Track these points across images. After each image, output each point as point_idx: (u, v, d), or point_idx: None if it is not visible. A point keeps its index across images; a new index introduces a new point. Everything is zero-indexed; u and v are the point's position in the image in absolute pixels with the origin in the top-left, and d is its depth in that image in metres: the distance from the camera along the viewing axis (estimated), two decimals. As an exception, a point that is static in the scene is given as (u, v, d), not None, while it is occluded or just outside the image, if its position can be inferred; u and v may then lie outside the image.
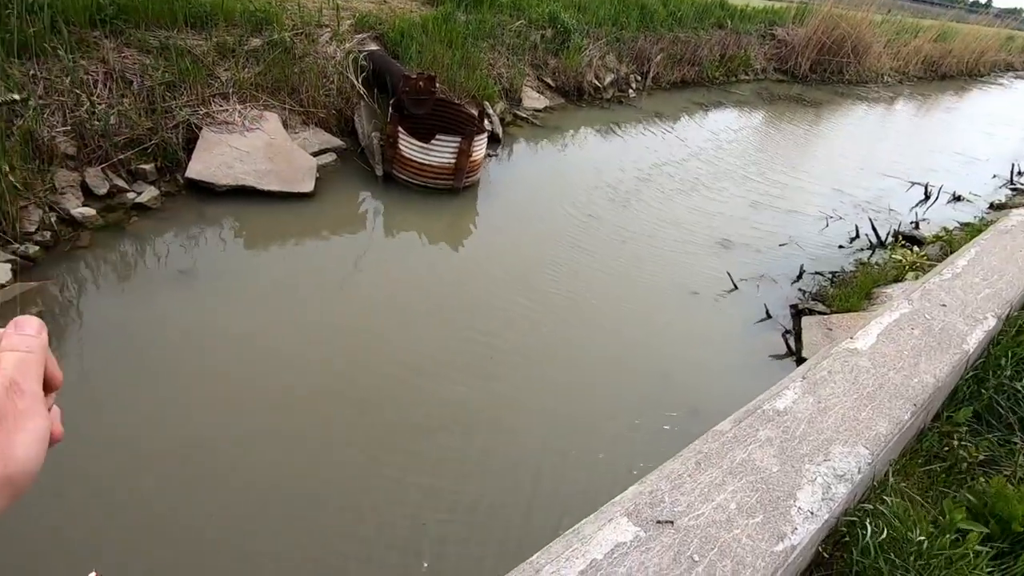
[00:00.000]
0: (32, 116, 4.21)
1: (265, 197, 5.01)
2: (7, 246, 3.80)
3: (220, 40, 5.70)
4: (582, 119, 8.75)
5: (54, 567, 2.33)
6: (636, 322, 4.61)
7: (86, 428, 2.85)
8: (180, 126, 5.11)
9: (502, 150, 7.15)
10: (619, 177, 7.07)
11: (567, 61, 9.10)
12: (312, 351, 3.66)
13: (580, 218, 5.93)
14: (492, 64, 8.07)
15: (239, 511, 2.65)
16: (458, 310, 4.28)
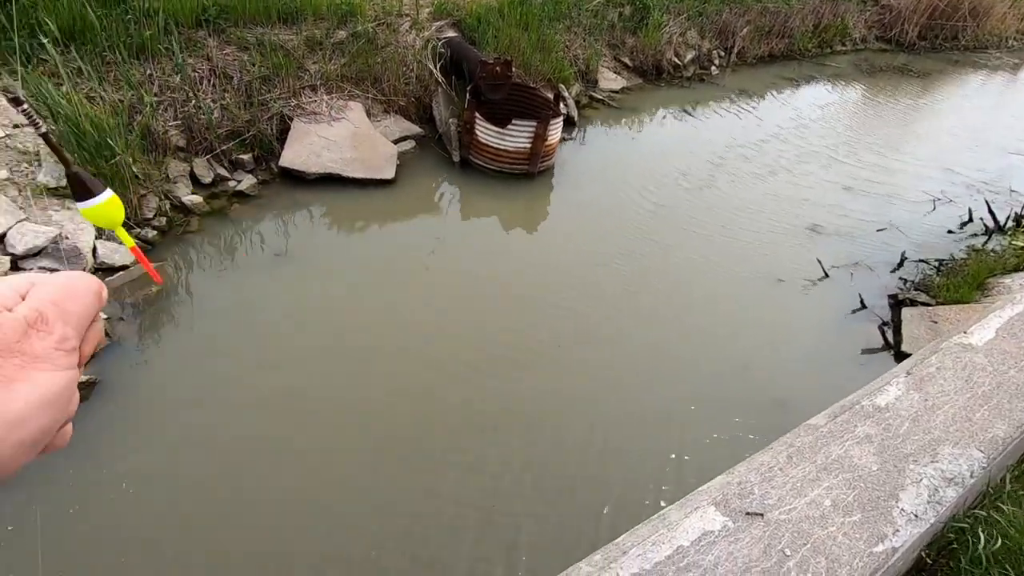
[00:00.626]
0: (149, 112, 4.62)
1: (350, 183, 5.24)
2: (130, 231, 4.22)
3: (309, 34, 5.97)
4: (660, 99, 8.46)
5: (209, 459, 2.61)
6: (715, 311, 4.46)
7: (204, 381, 3.16)
8: (274, 117, 5.43)
9: (577, 133, 7.06)
10: (697, 160, 6.80)
11: (646, 39, 8.80)
12: (391, 327, 3.83)
13: (656, 202, 5.78)
14: (568, 46, 7.95)
15: (324, 443, 2.84)
16: (532, 295, 4.32)
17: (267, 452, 2.94)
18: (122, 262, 3.90)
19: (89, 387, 3.07)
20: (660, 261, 4.92)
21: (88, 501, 2.61)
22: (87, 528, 2.53)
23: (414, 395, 3.38)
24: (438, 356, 3.67)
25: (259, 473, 2.85)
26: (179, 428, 2.99)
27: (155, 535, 2.55)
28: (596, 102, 7.91)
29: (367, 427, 3.14)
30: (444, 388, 3.46)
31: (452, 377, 3.53)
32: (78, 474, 2.70)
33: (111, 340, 3.40)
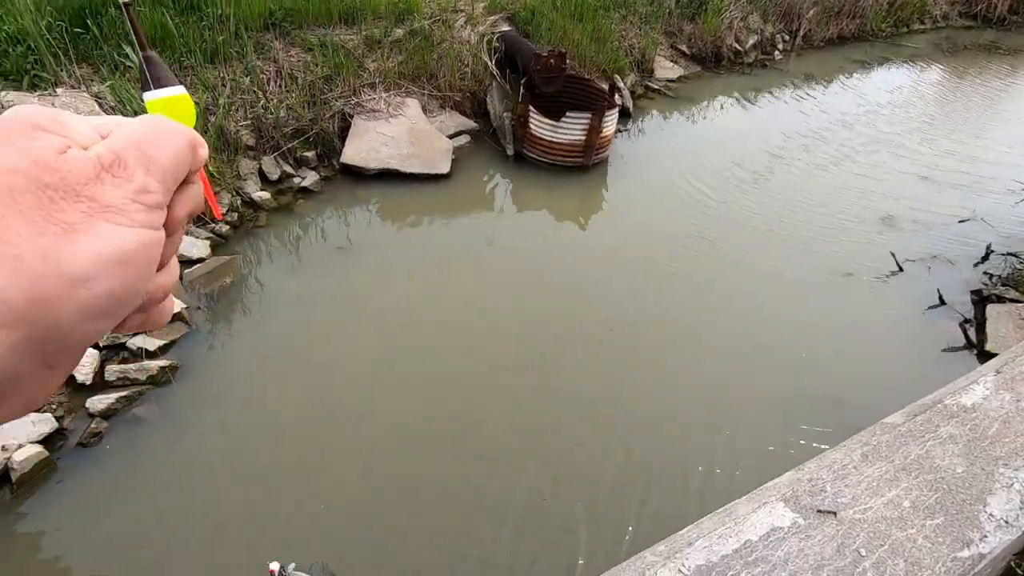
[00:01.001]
0: (222, 113, 4.88)
1: (407, 178, 5.36)
2: (206, 226, 4.49)
3: (368, 33, 6.14)
4: (719, 87, 8.18)
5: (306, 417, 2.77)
6: (778, 304, 4.29)
7: (271, 365, 3.33)
8: (335, 116, 5.62)
9: (632, 124, 6.94)
10: (756, 150, 6.54)
11: (704, 25, 8.52)
12: (444, 317, 3.90)
13: (713, 195, 5.60)
14: (623, 35, 7.81)
15: (375, 419, 2.94)
16: (586, 289, 4.29)
17: (327, 425, 3.07)
18: (199, 255, 4.15)
19: (172, 371, 3.30)
20: (716, 256, 4.77)
21: (179, 472, 2.82)
22: (175, 497, 2.72)
23: (463, 383, 3.43)
24: (487, 346, 3.71)
25: (321, 444, 2.98)
26: (250, 405, 3.17)
27: (232, 499, 2.71)
28: (652, 92, 7.74)
29: (412, 409, 3.22)
30: (492, 378, 3.49)
31: (500, 368, 3.57)
32: (170, 448, 2.91)
33: (189, 328, 3.62)
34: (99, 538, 2.57)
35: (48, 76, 4.50)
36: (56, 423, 2.88)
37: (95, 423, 2.95)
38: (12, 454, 2.66)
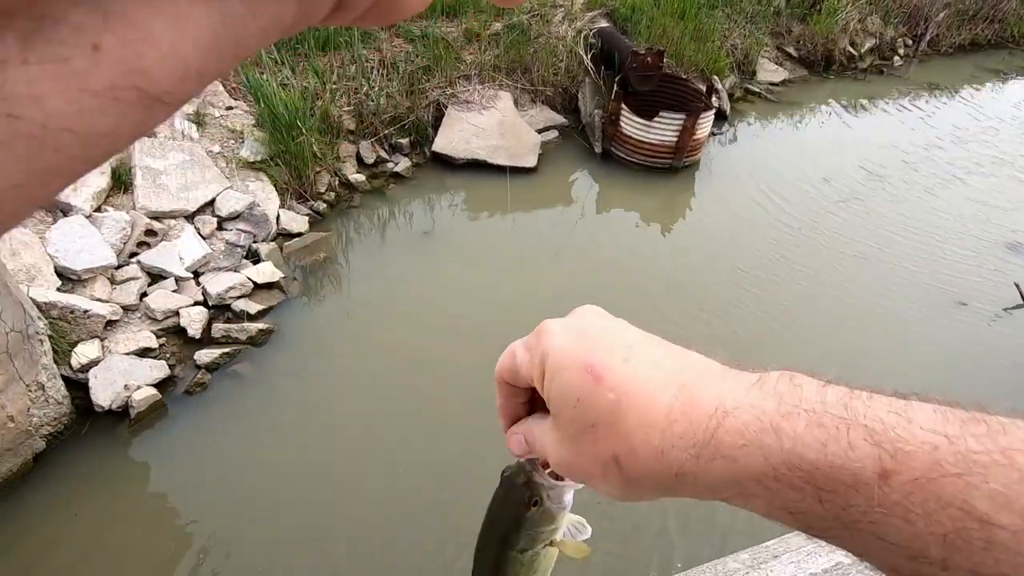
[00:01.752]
0: (328, 99, 5.19)
1: (494, 169, 5.46)
2: (306, 203, 4.80)
3: (468, 26, 6.29)
4: (827, 92, 7.68)
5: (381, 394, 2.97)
6: (874, 336, 4.00)
7: (355, 335, 3.53)
8: (431, 105, 5.81)
9: (728, 128, 6.67)
10: (864, 161, 6.09)
11: (816, 26, 8.02)
12: (518, 307, 3.95)
13: (807, 209, 5.28)
14: (726, 35, 7.50)
15: (445, 397, 3.04)
16: (660, 293, 4.20)
17: (400, 397, 3.22)
18: (298, 230, 4.45)
19: (267, 333, 3.58)
20: (806, 276, 4.50)
21: (268, 423, 3.07)
22: (264, 445, 2.97)
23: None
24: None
25: (393, 412, 3.13)
26: (334, 371, 3.38)
27: (312, 452, 2.92)
28: (752, 95, 7.40)
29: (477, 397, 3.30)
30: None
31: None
32: (262, 402, 3.18)
33: (285, 296, 3.91)
34: (197, 472, 2.85)
35: (183, 58, 4.97)
36: (169, 370, 3.22)
37: (200, 374, 3.26)
38: (132, 393, 3.01)
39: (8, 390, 2.63)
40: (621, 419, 0.40)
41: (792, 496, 0.34)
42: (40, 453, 2.84)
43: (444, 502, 2.80)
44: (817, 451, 0.33)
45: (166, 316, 3.45)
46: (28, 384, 2.71)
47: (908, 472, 0.31)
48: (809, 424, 0.34)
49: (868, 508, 0.31)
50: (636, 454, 0.39)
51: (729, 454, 0.36)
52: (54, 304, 3.02)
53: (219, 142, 4.59)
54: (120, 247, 3.56)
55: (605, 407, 0.41)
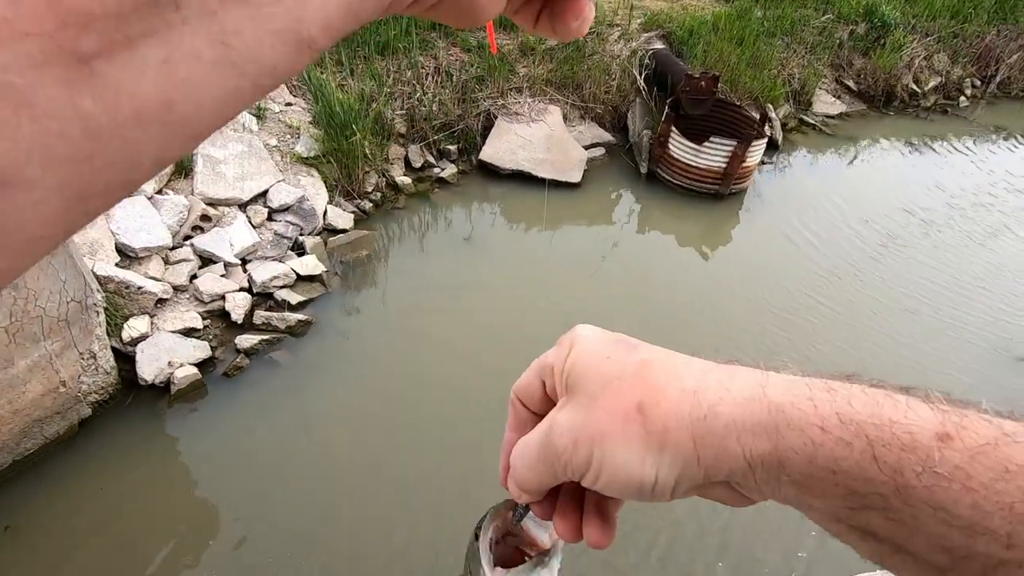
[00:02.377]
0: (383, 102, 5.33)
1: (538, 182, 5.49)
2: (353, 201, 4.92)
3: (524, 39, 6.37)
4: (886, 129, 7.47)
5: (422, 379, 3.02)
6: (921, 380, 3.84)
7: (392, 331, 3.59)
8: (481, 114, 5.90)
9: (779, 157, 6.55)
10: (915, 205, 5.88)
11: (879, 61, 7.82)
12: (549, 319, 3.94)
13: (854, 251, 5.12)
14: (784, 64, 7.39)
15: (472, 395, 3.05)
16: (689, 321, 4.12)
17: (428, 398, 3.25)
18: (343, 226, 4.56)
19: (306, 325, 3.67)
20: (844, 322, 4.34)
21: (301, 412, 3.15)
22: (295, 432, 3.04)
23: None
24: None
25: (420, 411, 3.16)
26: (367, 367, 3.45)
27: (340, 443, 2.98)
28: (806, 126, 7.25)
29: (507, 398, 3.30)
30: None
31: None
32: (296, 391, 3.26)
33: (326, 290, 4.01)
34: (227, 452, 2.94)
35: (250, 54, 5.19)
36: (211, 351, 3.34)
37: (239, 358, 3.37)
38: (175, 370, 3.12)
39: (63, 356, 2.77)
40: (650, 370, 0.38)
41: (839, 452, 0.31)
42: (85, 419, 2.98)
43: (470, 498, 2.81)
44: (872, 408, 0.31)
45: (212, 299, 3.58)
46: (82, 352, 2.86)
47: (971, 438, 0.29)
48: (864, 390, 0.32)
49: (925, 468, 0.28)
50: (663, 396, 0.37)
51: (772, 399, 0.33)
52: (111, 278, 3.18)
53: (276, 136, 4.77)
54: (176, 229, 3.72)
55: (635, 361, 0.39)
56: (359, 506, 2.79)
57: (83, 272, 2.72)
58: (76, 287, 2.71)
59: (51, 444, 2.86)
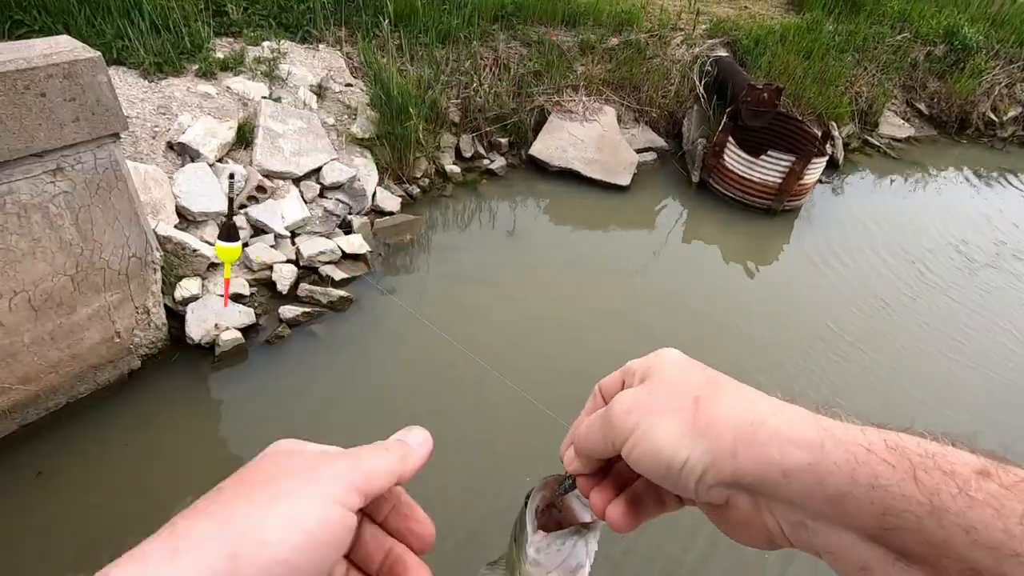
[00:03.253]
0: (440, 89, 5.37)
1: (586, 182, 5.46)
2: (401, 184, 4.99)
3: (584, 37, 6.32)
4: (956, 158, 7.11)
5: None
6: (965, 423, 3.66)
7: (428, 315, 3.63)
8: (534, 110, 5.89)
9: (838, 178, 6.32)
10: (981, 242, 5.57)
11: (955, 86, 7.45)
12: (583, 321, 3.92)
13: (909, 285, 4.88)
14: (852, 81, 7.12)
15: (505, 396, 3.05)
16: (724, 337, 4.01)
17: (464, 377, 3.28)
18: (390, 209, 4.63)
19: (347, 302, 3.75)
20: (902, 346, 4.17)
21: (334, 386, 3.22)
22: (326, 405, 3.12)
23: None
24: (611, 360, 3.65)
25: (447, 397, 3.19)
26: (402, 349, 3.49)
27: (371, 421, 3.03)
28: (869, 147, 6.98)
29: (540, 392, 3.29)
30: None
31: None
32: (332, 365, 3.34)
33: (369, 270, 4.08)
34: (262, 416, 3.03)
35: (316, 34, 5.31)
36: (255, 318, 3.44)
37: (281, 328, 3.46)
38: (221, 333, 3.24)
39: (120, 308, 2.91)
40: (717, 381, 0.43)
41: (881, 469, 0.32)
42: (134, 371, 3.12)
43: (492, 484, 2.83)
44: (918, 442, 0.34)
45: (260, 268, 3.69)
46: (137, 306, 2.99)
47: (1008, 476, 0.30)
48: (911, 435, 0.35)
49: (961, 491, 0.30)
50: (721, 398, 0.40)
51: (823, 423, 0.37)
52: (170, 239, 3.31)
53: (334, 115, 4.87)
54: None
55: (707, 374, 0.44)
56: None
57: (145, 230, 2.84)
58: (138, 244, 2.83)
59: (101, 391, 3.01)
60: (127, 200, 2.69)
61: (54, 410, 2.87)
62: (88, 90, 2.35)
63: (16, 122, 2.21)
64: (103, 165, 2.54)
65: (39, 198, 2.40)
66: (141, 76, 4.13)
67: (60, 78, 2.27)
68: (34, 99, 2.22)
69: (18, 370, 2.65)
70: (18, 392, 2.70)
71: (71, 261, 2.60)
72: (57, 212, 2.48)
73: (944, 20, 7.77)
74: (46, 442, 2.80)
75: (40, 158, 2.35)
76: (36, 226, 2.44)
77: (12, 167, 2.29)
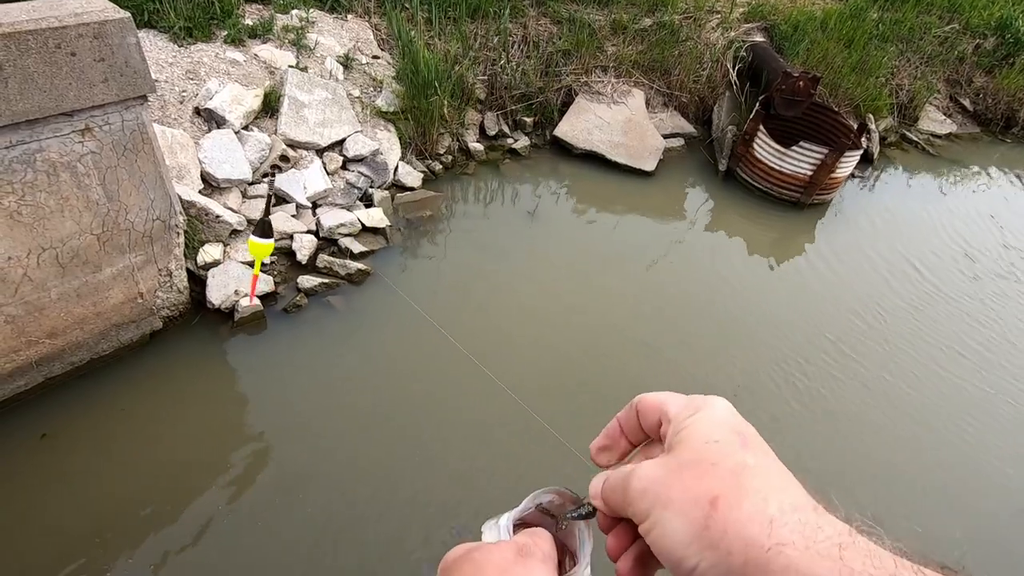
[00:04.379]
0: (467, 65, 5.31)
1: (610, 166, 5.37)
2: (423, 160, 4.97)
3: (617, 17, 6.17)
4: (999, 157, 6.84)
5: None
6: (992, 440, 3.57)
7: (442, 289, 3.65)
8: (562, 90, 5.79)
9: (871, 172, 6.13)
10: (1004, 243, 5.37)
11: (1004, 82, 7.13)
12: (606, 304, 3.89)
13: (943, 286, 4.74)
14: (894, 73, 6.86)
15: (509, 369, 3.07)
16: (753, 335, 3.94)
17: (476, 354, 3.29)
18: (411, 184, 4.62)
19: (364, 275, 3.77)
20: (919, 353, 4.04)
21: (346, 356, 3.26)
22: (338, 374, 3.16)
23: (591, 375, 3.42)
24: (624, 355, 3.63)
25: (466, 366, 3.21)
26: (416, 325, 3.51)
27: (380, 391, 3.08)
28: (907, 143, 6.74)
29: (549, 380, 3.29)
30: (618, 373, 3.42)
31: (633, 371, 3.48)
32: (345, 335, 3.38)
33: (387, 244, 4.09)
34: (278, 383, 3.09)
35: (345, 3, 5.27)
36: (274, 287, 3.49)
37: (299, 297, 3.50)
38: (240, 299, 3.29)
39: (144, 270, 2.96)
40: (744, 475, 0.39)
41: None
42: (156, 331, 3.19)
43: (495, 467, 2.86)
44: None
45: (281, 237, 3.72)
46: (160, 268, 3.04)
47: None
48: None
49: None
50: (741, 507, 0.37)
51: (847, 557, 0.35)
52: (194, 204, 3.35)
53: (360, 87, 4.84)
54: (257, 166, 3.87)
55: (738, 460, 0.40)
56: (383, 455, 2.88)
57: (170, 193, 2.88)
58: (162, 207, 2.87)
59: (123, 349, 3.08)
60: (152, 163, 2.72)
61: (78, 364, 2.96)
62: (117, 51, 2.37)
63: (47, 80, 2.24)
64: (130, 127, 2.57)
65: (68, 157, 2.44)
66: (171, 40, 4.15)
67: (90, 38, 2.28)
68: (64, 58, 2.25)
69: (45, 324, 2.73)
70: (44, 345, 2.79)
71: (97, 221, 2.65)
72: (85, 172, 2.52)
73: (997, 11, 7.41)
74: (52, 407, 2.87)
75: (69, 117, 2.38)
76: (64, 184, 2.48)
77: (42, 125, 2.32)
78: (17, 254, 2.49)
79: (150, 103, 3.08)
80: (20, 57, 2.15)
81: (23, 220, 2.44)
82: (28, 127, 2.29)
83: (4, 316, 2.59)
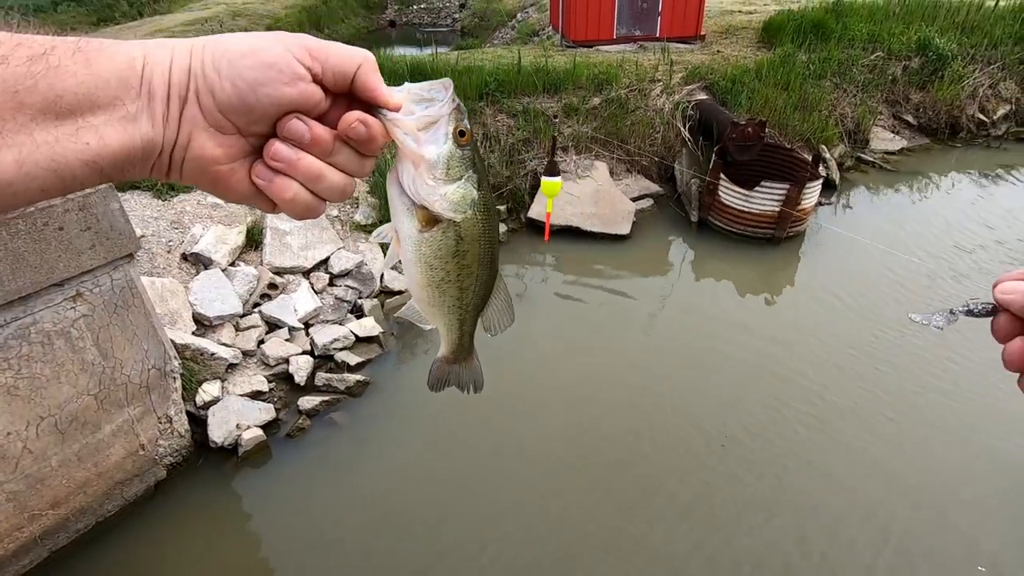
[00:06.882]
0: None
1: (587, 236, 5.54)
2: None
3: (567, 101, 6.61)
4: (953, 162, 7.11)
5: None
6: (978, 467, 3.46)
7: (449, 392, 3.61)
8: (528, 174, 6.09)
9: (837, 198, 6.34)
10: (989, 243, 5.45)
11: (939, 94, 7.56)
12: (606, 373, 3.86)
13: (930, 298, 4.77)
14: (834, 104, 7.28)
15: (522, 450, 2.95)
16: (756, 376, 3.91)
17: (487, 447, 3.21)
18: (399, 288, 4.74)
19: (364, 385, 3.77)
20: (916, 378, 3.97)
21: (357, 472, 3.19)
22: (352, 493, 3.07)
23: (598, 446, 3.34)
24: (630, 422, 3.57)
25: (478, 459, 3.12)
26: (421, 426, 3.47)
27: (397, 502, 2.97)
28: (864, 164, 7.03)
29: (560, 462, 3.20)
30: (625, 458, 3.34)
31: (637, 451, 3.40)
32: (353, 452, 3.32)
33: (383, 351, 4.12)
34: (290, 512, 2.99)
35: None
36: (275, 413, 3.47)
37: (302, 420, 3.48)
38: (242, 432, 3.26)
39: (143, 420, 2.96)
40: None
41: None
42: (160, 481, 3.14)
43: (520, 558, 2.71)
44: None
45: (277, 363, 3.76)
46: (159, 416, 3.04)
47: None
48: None
49: None
50: None
51: None
52: (188, 346, 3.41)
53: (337, 207, 5.08)
54: (246, 298, 3.98)
55: None
56: (416, 566, 2.75)
57: (163, 340, 2.94)
58: (157, 355, 2.92)
59: (129, 506, 3.01)
60: (144, 314, 2.80)
61: (83, 531, 2.88)
62: (102, 218, 2.52)
63: (37, 256, 2.36)
64: (119, 285, 2.67)
65: (61, 324, 2.52)
66: (154, 197, 4.41)
67: (76, 211, 2.44)
68: (53, 233, 2.39)
69: (47, 495, 2.69)
70: (48, 518, 2.73)
71: (94, 380, 2.69)
72: (79, 335, 2.59)
73: (914, 35, 7.99)
74: (78, 568, 2.78)
75: (60, 286, 2.48)
76: (59, 351, 2.54)
77: (35, 298, 2.42)
78: (16, 428, 2.50)
79: (138, 258, 3.22)
80: (11, 240, 2.28)
81: (20, 393, 2.48)
82: (21, 303, 2.39)
83: (5, 494, 2.55)
